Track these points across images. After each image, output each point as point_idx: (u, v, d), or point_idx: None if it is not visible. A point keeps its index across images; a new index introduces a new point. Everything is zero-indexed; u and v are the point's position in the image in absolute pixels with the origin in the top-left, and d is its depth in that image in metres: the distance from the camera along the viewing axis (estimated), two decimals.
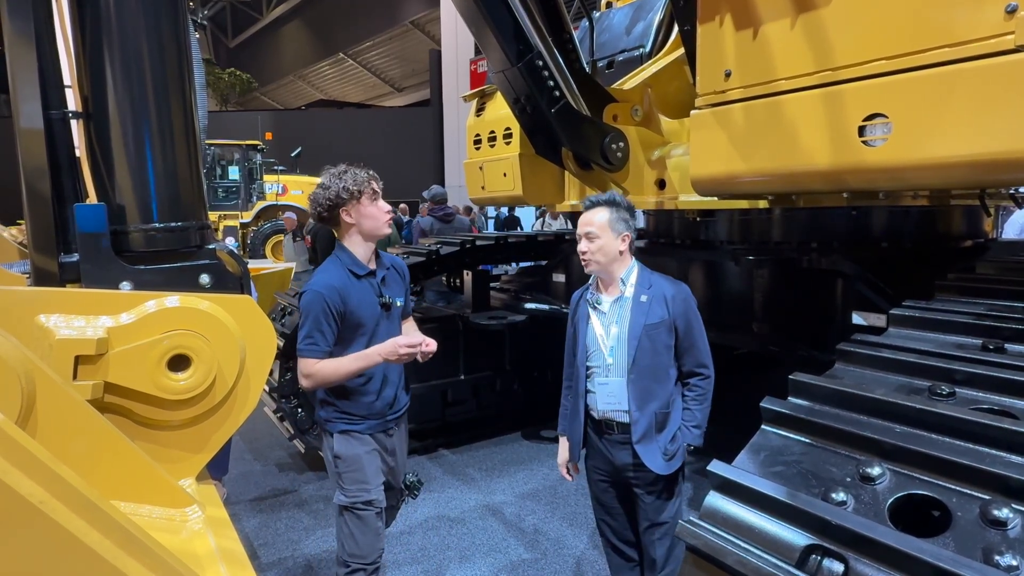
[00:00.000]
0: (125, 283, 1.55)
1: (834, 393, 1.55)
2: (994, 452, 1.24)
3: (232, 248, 1.86)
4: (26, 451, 0.76)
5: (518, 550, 3.44)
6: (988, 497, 1.14)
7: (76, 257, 1.55)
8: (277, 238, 14.44)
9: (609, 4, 5.56)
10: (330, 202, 2.30)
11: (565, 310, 4.62)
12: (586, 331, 2.42)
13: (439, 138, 21.29)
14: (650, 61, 4.63)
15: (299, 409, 4.22)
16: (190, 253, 1.69)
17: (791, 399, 1.61)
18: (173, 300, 1.47)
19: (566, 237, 5.57)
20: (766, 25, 2.39)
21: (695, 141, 2.76)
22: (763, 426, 1.56)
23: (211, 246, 1.74)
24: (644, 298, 2.30)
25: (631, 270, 2.37)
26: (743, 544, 1.21)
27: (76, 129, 1.65)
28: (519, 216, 13.62)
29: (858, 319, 3.30)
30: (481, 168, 4.87)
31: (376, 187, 2.36)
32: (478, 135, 4.88)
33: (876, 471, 1.27)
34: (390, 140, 24.79)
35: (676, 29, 4.27)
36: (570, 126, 3.64)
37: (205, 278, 1.67)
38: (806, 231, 3.61)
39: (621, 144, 3.77)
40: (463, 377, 4.90)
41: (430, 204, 7.76)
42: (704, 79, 2.67)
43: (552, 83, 3.51)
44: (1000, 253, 3.54)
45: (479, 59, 18.15)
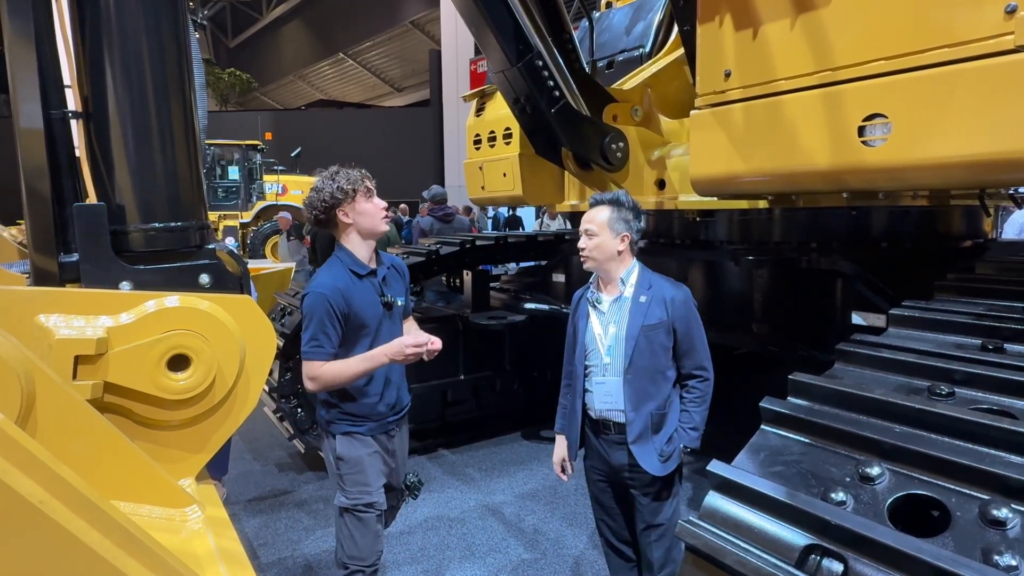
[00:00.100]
0: (125, 283, 1.55)
1: (834, 393, 1.55)
2: (993, 452, 1.24)
3: (232, 248, 1.86)
4: (26, 451, 0.76)
5: (518, 550, 3.44)
6: (987, 497, 1.14)
7: (76, 257, 1.55)
8: (277, 238, 14.40)
9: (609, 4, 5.56)
10: (325, 204, 2.28)
11: (565, 310, 4.63)
12: (585, 330, 2.42)
13: (439, 138, 21.29)
14: (650, 61, 4.63)
15: (299, 409, 4.22)
16: (190, 253, 1.69)
17: (791, 399, 1.61)
18: (173, 300, 1.47)
19: (566, 237, 5.57)
20: (766, 25, 2.39)
21: (695, 141, 2.76)
22: (763, 426, 1.56)
23: (211, 246, 1.74)
24: (643, 299, 2.30)
25: (631, 270, 2.37)
26: (743, 544, 1.22)
27: (76, 129, 1.65)
28: (521, 216, 13.66)
29: (858, 319, 3.30)
30: (481, 168, 4.87)
31: (369, 184, 2.35)
32: (478, 135, 4.88)
33: (875, 471, 1.27)
34: (390, 140, 24.80)
35: (676, 29, 4.27)
36: (570, 126, 3.64)
37: (205, 278, 1.67)
38: (806, 231, 3.62)
39: (621, 144, 3.77)
40: (463, 377, 4.90)
41: (430, 204, 7.77)
42: (704, 79, 2.67)
43: (552, 83, 3.51)
44: (999, 253, 3.54)
45: (479, 59, 18.16)
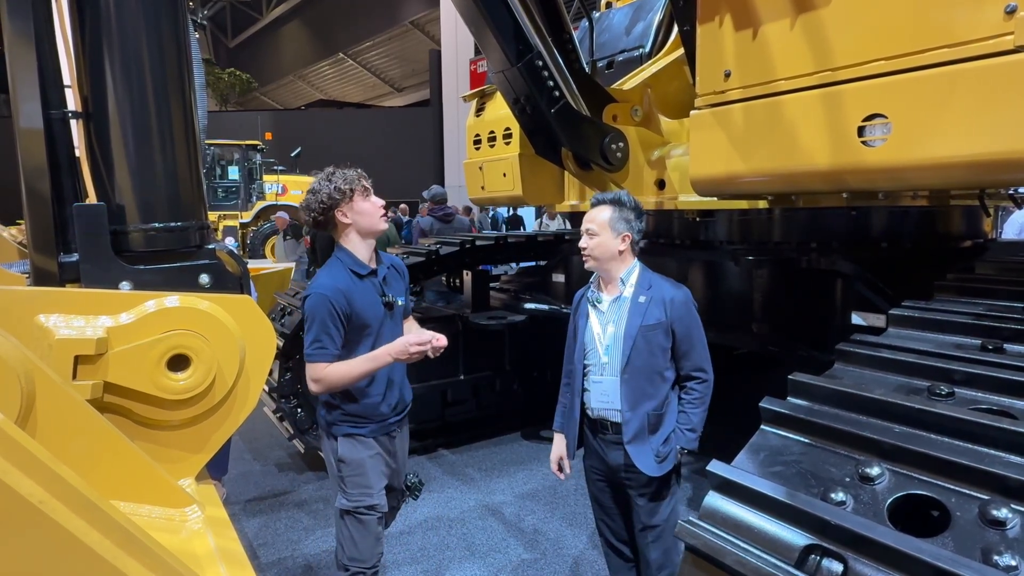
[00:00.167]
0: (125, 283, 1.55)
1: (833, 393, 1.55)
2: (993, 452, 1.24)
3: (232, 248, 1.86)
4: (26, 451, 0.76)
5: (518, 550, 3.44)
6: (987, 497, 1.14)
7: (76, 257, 1.55)
8: (276, 238, 14.43)
9: (609, 4, 5.56)
10: (323, 205, 2.27)
11: (565, 310, 4.63)
12: (585, 329, 2.43)
13: (439, 138, 21.28)
14: (650, 61, 4.63)
15: (299, 409, 4.22)
16: (190, 253, 1.69)
17: (790, 399, 1.62)
18: (173, 300, 1.47)
19: (565, 237, 5.57)
20: (766, 25, 2.39)
21: (695, 141, 2.76)
22: (762, 426, 1.56)
23: (211, 246, 1.74)
24: (642, 299, 2.30)
25: (631, 270, 2.37)
26: (742, 544, 1.22)
27: (76, 129, 1.65)
28: (522, 216, 13.71)
29: (857, 319, 3.30)
30: (481, 168, 4.87)
31: (366, 183, 2.34)
32: (478, 135, 4.88)
33: (875, 471, 1.27)
34: (390, 140, 24.79)
35: (676, 29, 4.27)
36: (570, 126, 3.64)
37: (205, 278, 1.67)
38: (806, 231, 3.62)
39: (621, 144, 3.77)
40: (463, 377, 4.89)
41: (430, 204, 7.77)
42: (704, 79, 2.67)
43: (552, 83, 3.51)
44: (999, 253, 3.54)
45: (479, 59, 18.15)
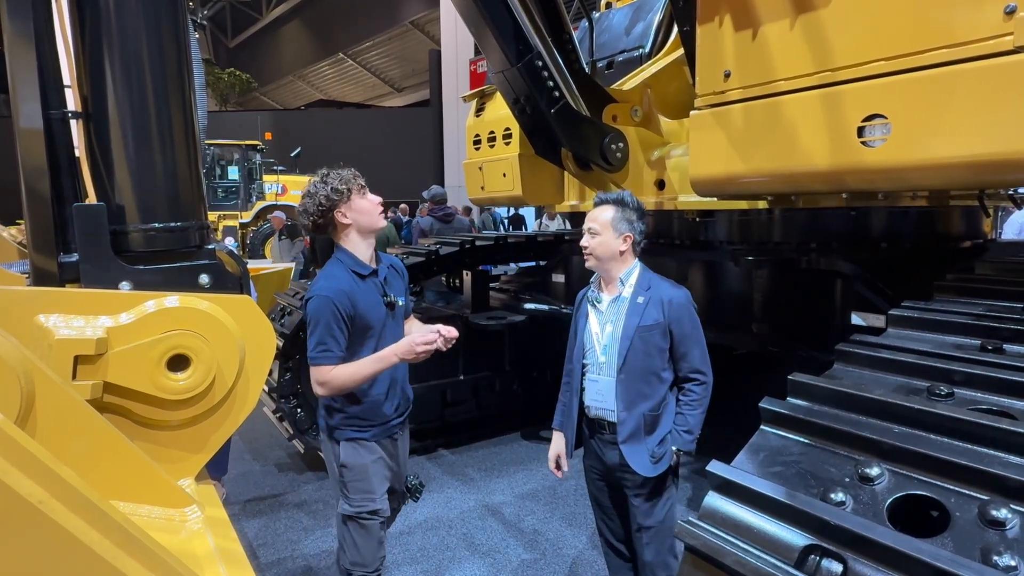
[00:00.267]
0: (124, 283, 1.55)
1: (833, 393, 1.55)
2: (992, 452, 1.24)
3: (231, 248, 1.86)
4: (25, 451, 0.76)
5: (517, 551, 3.44)
6: (987, 497, 1.14)
7: (75, 257, 1.55)
8: (273, 238, 14.42)
9: (609, 4, 5.56)
10: (322, 207, 2.24)
11: (564, 310, 4.64)
12: (584, 328, 2.43)
13: (439, 138, 21.28)
14: (650, 62, 4.63)
15: (299, 409, 4.22)
16: (190, 253, 1.69)
17: (790, 399, 1.62)
18: (172, 300, 1.47)
19: (565, 238, 5.57)
20: (765, 26, 2.40)
21: (694, 141, 2.76)
22: (762, 426, 1.56)
23: (210, 246, 1.74)
24: (641, 299, 2.31)
25: (631, 271, 2.37)
26: (742, 544, 1.22)
27: (76, 129, 1.65)
28: (523, 215, 13.76)
29: (857, 319, 3.30)
30: (481, 168, 4.87)
31: (361, 182, 2.33)
32: (478, 135, 4.88)
33: (875, 471, 1.27)
34: (390, 140, 24.80)
35: (675, 30, 4.27)
36: (570, 126, 3.64)
37: (204, 278, 1.67)
38: (805, 232, 3.62)
39: (620, 144, 3.77)
40: (462, 377, 4.89)
41: (430, 204, 7.77)
42: (703, 80, 2.67)
43: (552, 83, 3.51)
44: (999, 254, 3.54)
45: (479, 59, 18.15)
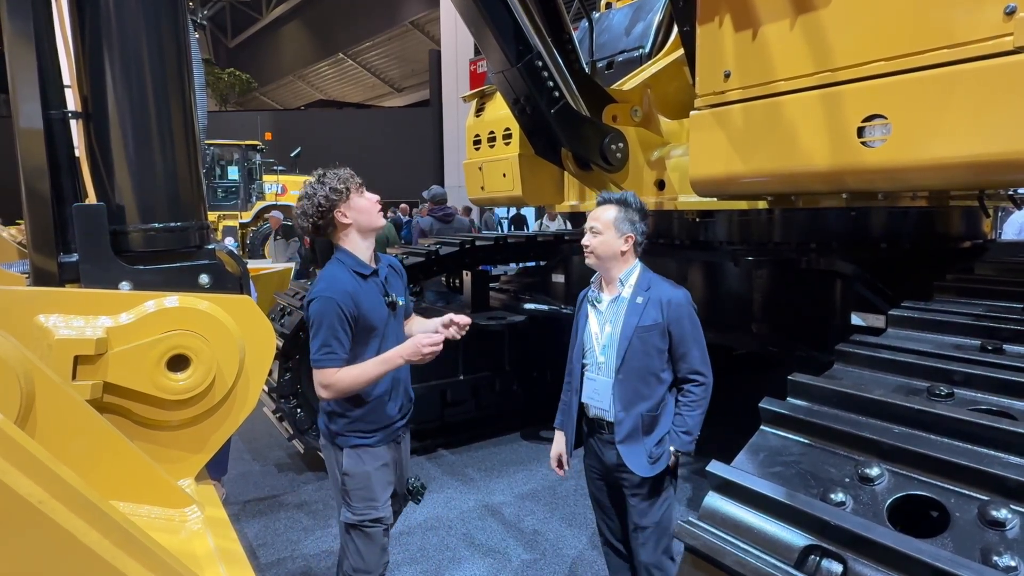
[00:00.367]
0: (124, 283, 1.55)
1: (833, 394, 1.56)
2: (992, 453, 1.24)
3: (231, 248, 1.86)
4: (25, 451, 0.76)
5: (517, 551, 3.44)
6: (986, 498, 1.15)
7: (75, 257, 1.55)
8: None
9: (609, 4, 5.56)
10: (322, 208, 2.20)
11: (564, 310, 4.63)
12: (584, 328, 2.44)
13: (439, 138, 21.28)
14: (649, 62, 4.63)
15: (298, 409, 4.22)
16: (189, 253, 1.69)
17: (790, 399, 1.62)
18: (172, 300, 1.47)
19: (565, 238, 5.57)
20: (765, 26, 2.40)
21: (694, 142, 2.76)
22: (762, 426, 1.56)
23: (210, 246, 1.74)
24: (640, 300, 2.31)
25: (631, 271, 2.37)
26: (742, 544, 1.22)
27: (76, 129, 1.65)
28: (525, 215, 13.81)
29: (857, 320, 3.30)
30: (480, 168, 4.87)
31: (359, 180, 2.31)
32: (477, 135, 4.88)
33: (875, 472, 1.27)
34: (390, 140, 24.79)
35: (675, 30, 4.28)
36: (569, 127, 3.64)
37: (204, 278, 1.67)
38: (805, 232, 3.62)
39: (620, 145, 3.77)
40: (462, 377, 4.89)
41: (430, 204, 7.77)
42: (703, 80, 2.67)
43: (551, 84, 3.51)
44: (999, 254, 3.53)
45: (479, 59, 18.15)
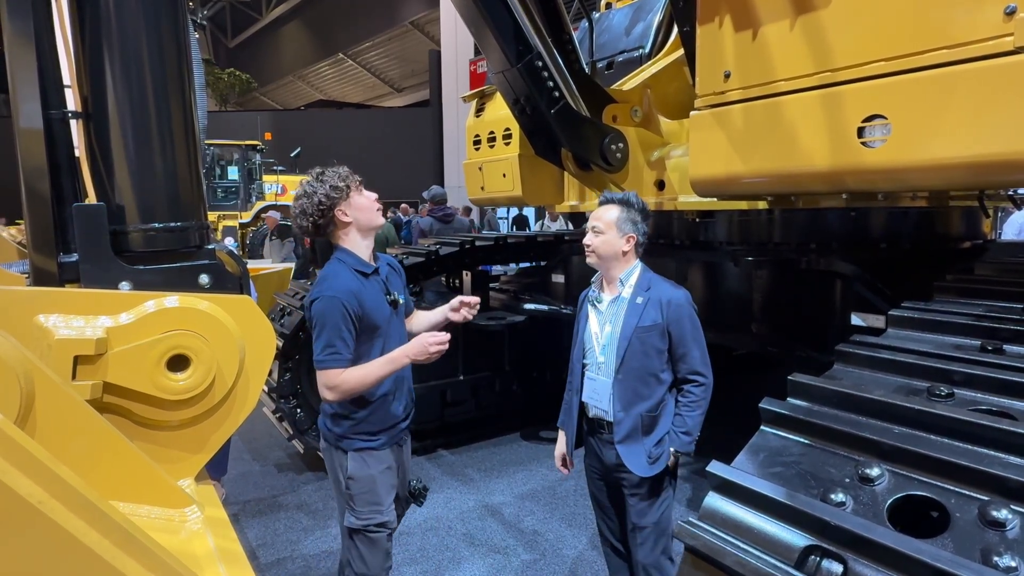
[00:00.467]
0: (124, 283, 1.55)
1: (833, 394, 1.56)
2: (993, 453, 1.24)
3: (231, 248, 1.86)
4: (25, 451, 0.76)
5: (517, 551, 3.44)
6: (987, 498, 1.14)
7: (75, 257, 1.55)
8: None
9: (609, 5, 5.56)
10: (322, 206, 2.17)
11: (564, 311, 4.63)
12: (585, 328, 2.44)
13: (439, 138, 21.27)
14: (649, 62, 4.63)
15: (298, 409, 4.22)
16: (189, 253, 1.69)
17: (790, 400, 1.62)
18: (172, 300, 1.47)
19: (565, 238, 5.57)
20: (765, 26, 2.40)
21: (694, 142, 2.76)
22: (762, 427, 1.56)
23: (210, 246, 1.74)
24: (640, 300, 2.31)
25: (632, 271, 2.37)
26: (742, 545, 1.22)
27: (76, 129, 1.65)
28: (527, 216, 13.85)
29: (857, 320, 3.30)
30: (480, 169, 4.87)
31: (358, 178, 2.28)
32: (477, 136, 4.88)
33: (875, 472, 1.27)
34: (390, 140, 24.78)
35: (675, 30, 4.27)
36: (569, 127, 3.64)
37: (204, 278, 1.67)
38: (805, 232, 3.62)
39: (620, 145, 3.77)
40: (462, 377, 4.89)
41: (430, 204, 7.77)
42: (703, 80, 2.67)
43: (552, 84, 3.51)
44: (999, 254, 3.54)
45: (479, 59, 18.16)
